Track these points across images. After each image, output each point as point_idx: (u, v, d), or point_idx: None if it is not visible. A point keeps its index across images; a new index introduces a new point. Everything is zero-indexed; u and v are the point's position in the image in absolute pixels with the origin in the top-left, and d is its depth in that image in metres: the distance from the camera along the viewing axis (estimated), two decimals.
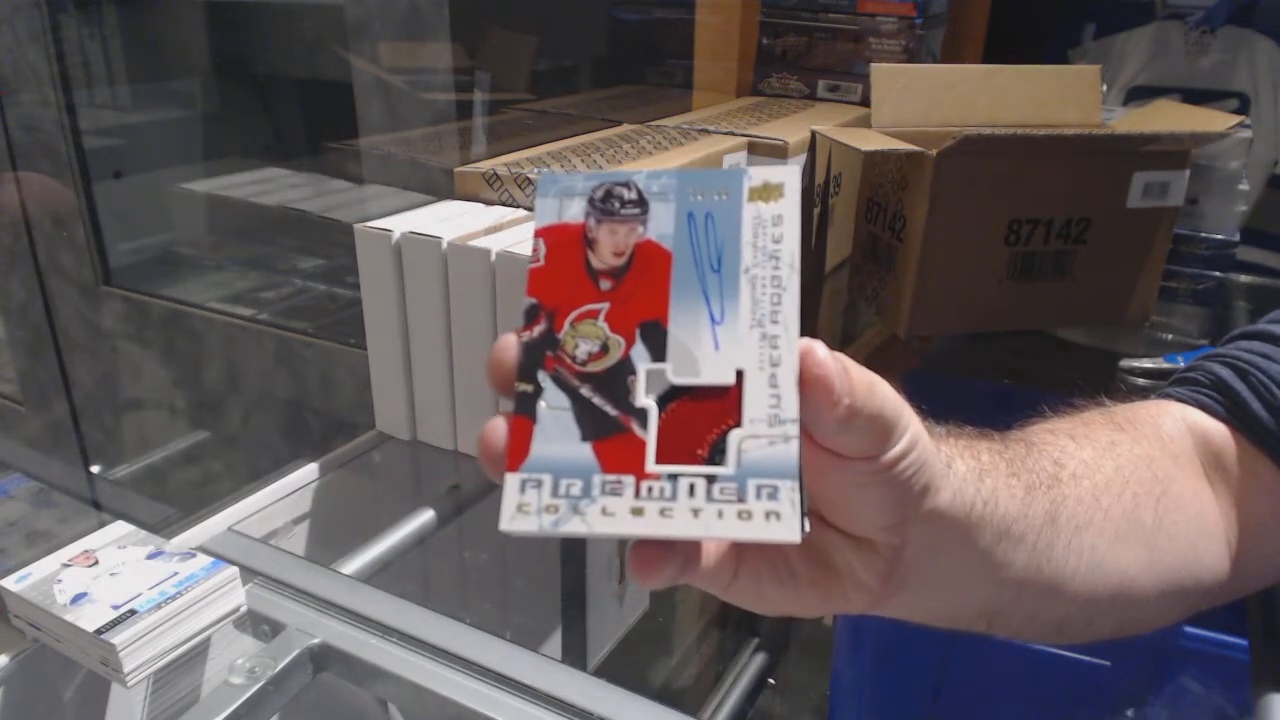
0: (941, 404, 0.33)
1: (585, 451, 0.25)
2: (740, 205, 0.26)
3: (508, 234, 0.65)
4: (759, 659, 0.81)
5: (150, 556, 0.51)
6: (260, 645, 0.51)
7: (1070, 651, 0.53)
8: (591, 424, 0.25)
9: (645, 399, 0.25)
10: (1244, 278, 0.99)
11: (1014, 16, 1.30)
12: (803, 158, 0.92)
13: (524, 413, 0.25)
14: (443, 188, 0.78)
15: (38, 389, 1.31)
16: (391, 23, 0.91)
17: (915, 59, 1.10)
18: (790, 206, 0.26)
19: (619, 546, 0.79)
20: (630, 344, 0.25)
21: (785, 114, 1.04)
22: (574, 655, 0.78)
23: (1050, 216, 0.82)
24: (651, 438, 0.25)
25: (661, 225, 0.26)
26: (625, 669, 0.82)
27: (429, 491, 0.68)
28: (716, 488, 0.24)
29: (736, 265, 0.25)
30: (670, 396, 0.25)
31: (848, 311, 0.97)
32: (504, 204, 0.73)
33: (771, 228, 0.25)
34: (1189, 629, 0.50)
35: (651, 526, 0.24)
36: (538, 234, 0.26)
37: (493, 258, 0.62)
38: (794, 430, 0.24)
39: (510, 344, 0.26)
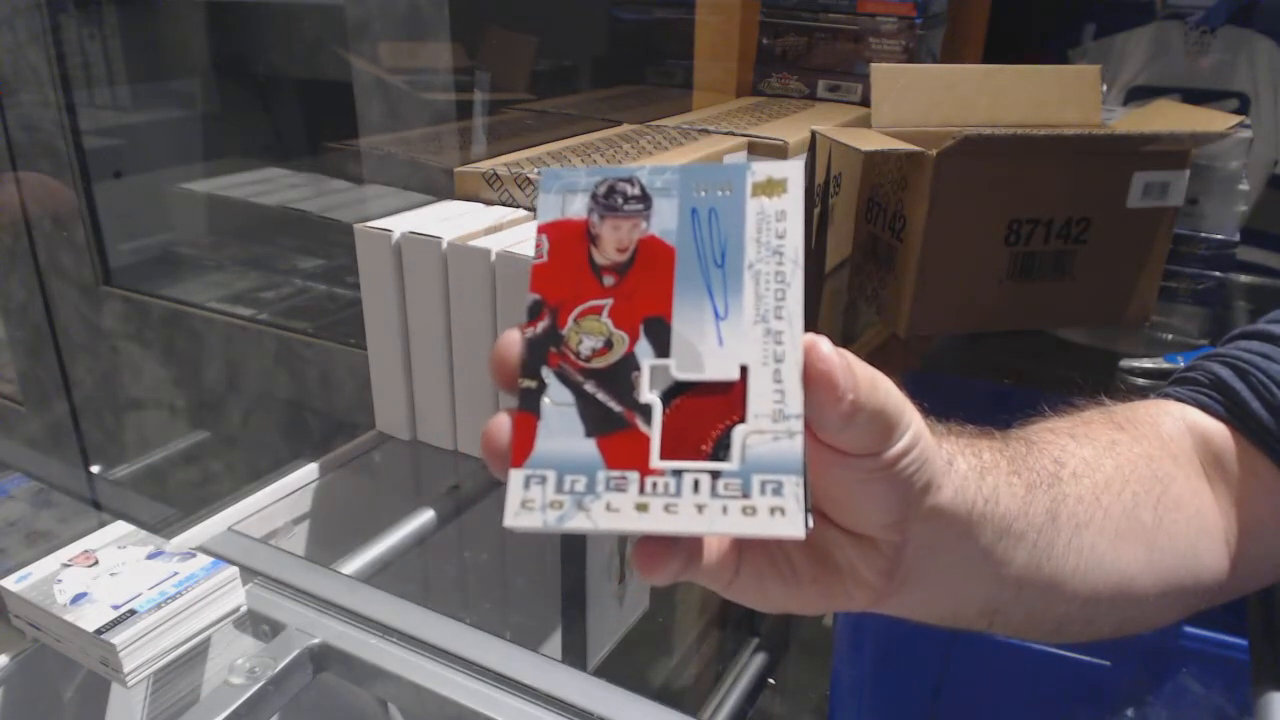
0: (941, 404, 0.33)
1: (589, 447, 0.25)
2: (743, 200, 0.26)
3: (508, 234, 0.65)
4: (759, 659, 0.81)
5: (150, 556, 0.51)
6: (260, 645, 0.51)
7: (1070, 651, 0.52)
8: (596, 420, 0.25)
9: (649, 395, 0.25)
10: (1244, 278, 0.99)
11: (1014, 16, 1.30)
12: (803, 158, 0.92)
13: (528, 409, 0.25)
14: (443, 188, 0.78)
15: (38, 389, 1.31)
16: (391, 23, 0.91)
17: (915, 59, 1.10)
18: (793, 201, 0.26)
19: (619, 546, 0.79)
20: (634, 340, 0.25)
21: (785, 114, 1.04)
22: (574, 655, 0.77)
23: (1050, 216, 0.82)
24: (656, 433, 0.25)
25: (665, 221, 0.26)
26: (625, 669, 0.82)
27: (429, 491, 0.68)
28: (721, 483, 0.24)
29: (740, 261, 0.25)
30: (674, 392, 0.25)
31: (848, 311, 0.97)
32: (504, 204, 0.73)
33: (775, 223, 0.25)
34: (1189, 629, 0.50)
35: (656, 522, 0.24)
36: (541, 230, 0.26)
37: (493, 258, 0.62)
38: (798, 426, 0.24)
39: (514, 340, 0.26)
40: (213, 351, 1.14)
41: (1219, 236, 0.95)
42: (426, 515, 0.65)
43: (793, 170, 0.26)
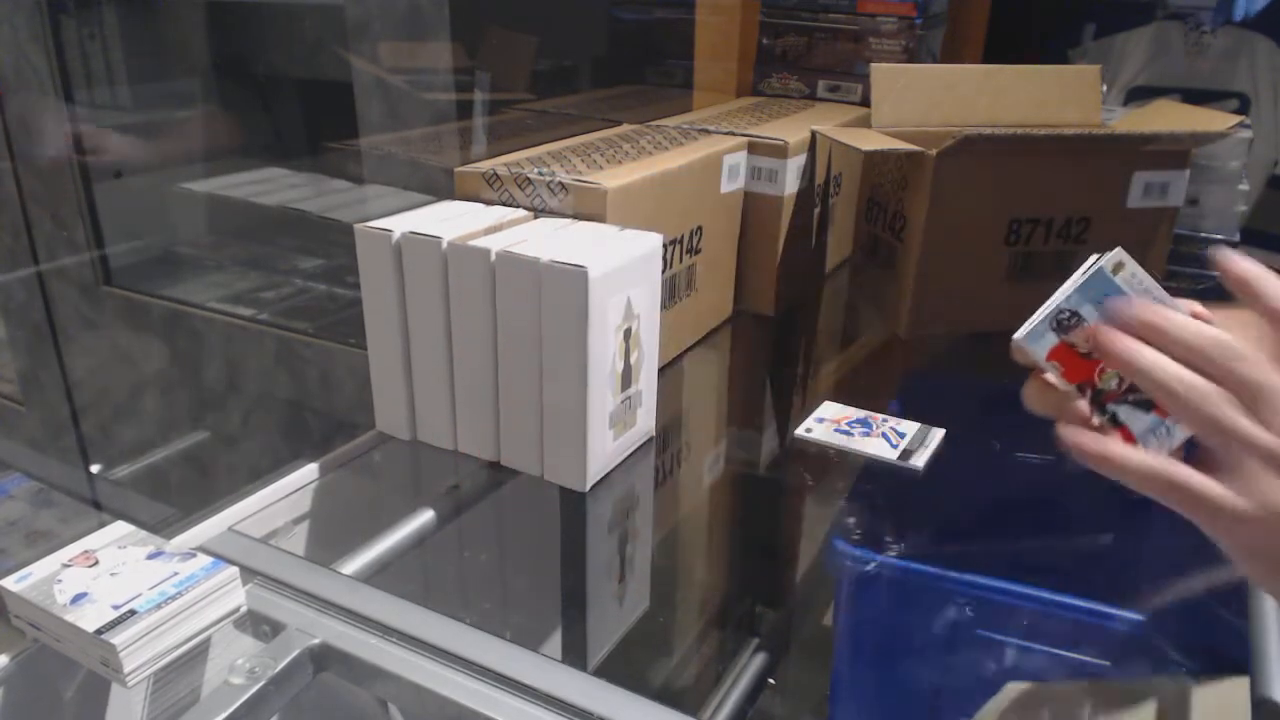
0: (941, 404, 0.33)
1: (1154, 418, 0.43)
2: (1115, 279, 0.44)
3: (508, 234, 0.65)
4: (759, 659, 0.81)
5: (150, 557, 0.51)
6: (260, 645, 0.51)
7: (1070, 651, 0.53)
8: (1144, 406, 0.43)
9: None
10: None
11: (1014, 16, 1.31)
12: (803, 157, 0.92)
13: (1115, 424, 0.44)
14: (443, 188, 0.78)
15: (38, 389, 1.31)
16: (391, 23, 0.91)
17: (915, 59, 1.10)
18: (1132, 263, 0.43)
19: (619, 546, 0.79)
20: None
21: (785, 114, 1.04)
22: (574, 655, 0.77)
23: (1050, 216, 0.82)
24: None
25: (1094, 316, 0.44)
26: (625, 669, 0.82)
27: (429, 491, 0.68)
28: None
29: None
30: None
31: (848, 311, 0.97)
32: (504, 204, 0.73)
33: (1135, 280, 0.44)
34: (1189, 629, 0.50)
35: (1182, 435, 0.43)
36: (1049, 358, 0.45)
37: (493, 258, 0.62)
38: None
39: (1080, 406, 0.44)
40: (213, 352, 1.14)
41: (1219, 236, 0.95)
42: (426, 515, 0.65)
43: (1119, 255, 0.43)
